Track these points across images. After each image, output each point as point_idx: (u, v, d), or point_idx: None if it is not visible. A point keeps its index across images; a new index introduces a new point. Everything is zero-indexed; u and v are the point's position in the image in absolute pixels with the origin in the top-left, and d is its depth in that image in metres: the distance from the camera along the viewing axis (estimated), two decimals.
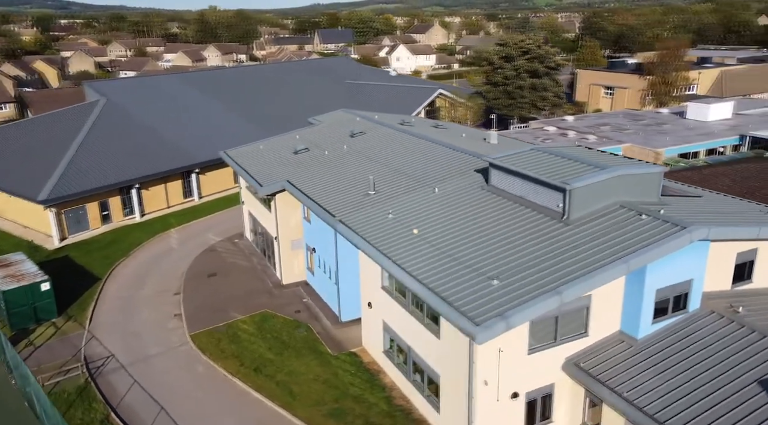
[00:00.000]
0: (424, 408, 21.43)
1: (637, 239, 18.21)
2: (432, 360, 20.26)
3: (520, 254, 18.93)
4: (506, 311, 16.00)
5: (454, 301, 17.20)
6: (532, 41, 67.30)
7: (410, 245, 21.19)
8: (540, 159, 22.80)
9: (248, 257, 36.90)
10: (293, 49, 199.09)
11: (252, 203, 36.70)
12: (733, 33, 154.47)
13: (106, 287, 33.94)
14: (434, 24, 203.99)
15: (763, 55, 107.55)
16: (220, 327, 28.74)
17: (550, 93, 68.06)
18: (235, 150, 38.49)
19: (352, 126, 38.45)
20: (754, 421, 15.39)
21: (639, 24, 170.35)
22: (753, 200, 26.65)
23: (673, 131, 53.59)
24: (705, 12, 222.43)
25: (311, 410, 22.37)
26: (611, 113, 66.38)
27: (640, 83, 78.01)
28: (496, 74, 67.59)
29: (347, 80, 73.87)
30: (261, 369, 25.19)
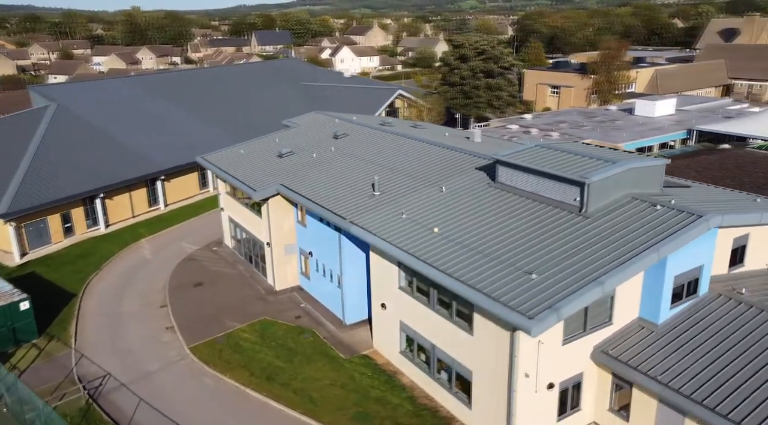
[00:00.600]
0: (452, 405, 21.58)
1: (660, 228, 19.11)
2: (462, 357, 20.44)
3: (548, 249, 19.42)
4: (555, 304, 16.41)
5: (498, 296, 17.45)
6: (486, 42, 68.92)
7: (433, 244, 21.27)
8: (548, 155, 23.45)
9: (233, 265, 35.84)
10: (231, 52, 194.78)
11: (235, 208, 35.68)
12: (655, 35, 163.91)
13: (85, 304, 32.06)
14: (373, 26, 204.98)
15: (687, 55, 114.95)
16: (220, 338, 27.80)
17: (504, 92, 69.95)
18: (213, 156, 37.30)
19: (332, 128, 38.11)
20: None
21: (570, 26, 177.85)
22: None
23: (627, 126, 56.37)
24: (625, 15, 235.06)
25: (336, 415, 22.04)
26: (565, 110, 69.05)
27: (585, 82, 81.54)
28: (453, 75, 68.74)
29: (303, 82, 73.01)
30: (273, 377, 24.57)
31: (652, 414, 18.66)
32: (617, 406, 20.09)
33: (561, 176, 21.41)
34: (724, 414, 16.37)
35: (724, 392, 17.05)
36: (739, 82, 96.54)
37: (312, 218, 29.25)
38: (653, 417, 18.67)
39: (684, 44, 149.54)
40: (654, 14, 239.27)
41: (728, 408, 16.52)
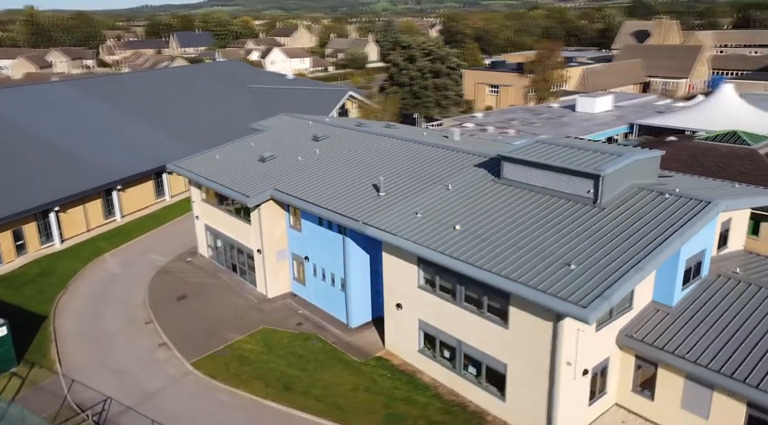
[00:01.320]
0: (482, 399, 21.90)
1: (676, 215, 20.33)
2: (495, 351, 20.80)
3: (575, 240, 20.13)
4: (605, 292, 17.07)
5: (544, 288, 17.91)
6: (433, 43, 70.11)
7: (457, 241, 21.48)
8: (552, 150, 24.26)
9: (214, 275, 34.44)
10: (151, 54, 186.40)
11: (214, 216, 34.32)
12: (572, 36, 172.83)
13: (59, 326, 29.75)
14: (299, 27, 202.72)
15: (606, 55, 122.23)
16: (222, 351, 26.70)
17: (452, 92, 71.47)
18: (186, 162, 35.68)
19: (307, 130, 37.50)
20: None
21: (494, 28, 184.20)
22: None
23: (573, 122, 59.21)
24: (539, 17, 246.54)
25: (366, 419, 21.79)
26: (511, 109, 71.43)
27: (523, 81, 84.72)
28: (402, 75, 69.40)
29: (249, 85, 71.22)
30: (291, 386, 23.93)
31: (679, 390, 19.81)
32: (641, 386, 21.17)
33: (575, 169, 22.24)
34: (755, 385, 17.68)
35: (750, 364, 18.37)
36: (656, 79, 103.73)
37: (308, 222, 28.70)
38: (680, 393, 19.83)
39: (599, 45, 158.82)
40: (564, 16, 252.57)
41: (757, 378, 17.84)
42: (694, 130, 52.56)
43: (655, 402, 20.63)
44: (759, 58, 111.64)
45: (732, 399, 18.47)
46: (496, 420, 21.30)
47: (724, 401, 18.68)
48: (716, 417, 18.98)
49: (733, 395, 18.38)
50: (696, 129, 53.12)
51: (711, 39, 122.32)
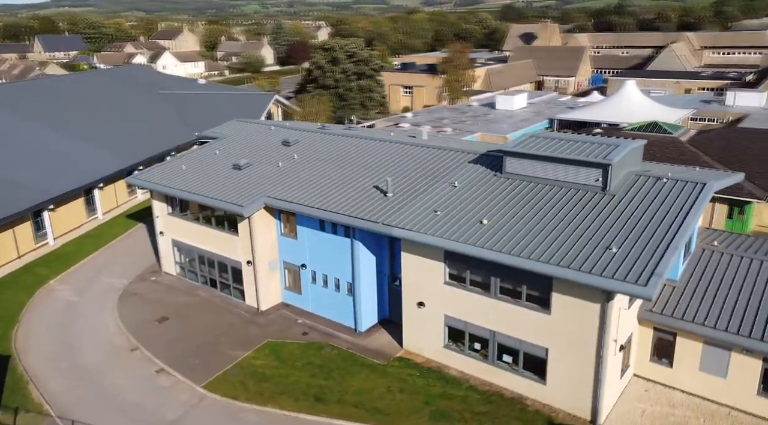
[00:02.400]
0: (519, 385, 22.73)
1: (681, 197, 22.48)
2: (534, 337, 21.71)
3: (603, 226, 21.54)
4: (655, 270, 18.55)
5: (596, 272, 19.06)
6: (355, 45, 70.46)
7: (489, 235, 22.11)
8: (551, 143, 25.72)
9: (191, 293, 32.33)
10: (15, 59, 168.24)
11: (187, 230, 32.21)
12: (462, 38, 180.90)
13: (30, 364, 26.49)
14: (183, 30, 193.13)
15: (502, 56, 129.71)
16: (232, 370, 25.29)
17: (376, 94, 72.33)
18: (148, 175, 33.18)
19: (271, 135, 36.34)
20: None
21: (386, 31, 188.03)
22: None
23: (500, 119, 62.46)
24: (422, 20, 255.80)
25: (413, 419, 21.80)
26: (436, 108, 73.60)
27: (436, 82, 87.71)
28: (327, 78, 69.03)
29: (161, 91, 67.09)
30: (322, 397, 23.27)
31: (698, 355, 21.95)
32: (658, 356, 23.13)
33: (584, 160, 23.78)
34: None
35: (761, 324, 20.84)
36: (548, 78, 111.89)
37: (306, 229, 27.98)
38: (698, 358, 21.97)
39: (487, 47, 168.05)
40: (446, 20, 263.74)
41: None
42: (609, 122, 57.65)
43: (674, 368, 22.66)
44: (629, 57, 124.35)
45: (749, 357, 20.83)
46: (536, 404, 22.25)
47: (741, 359, 21.02)
48: (734, 374, 21.30)
49: (750, 353, 20.74)
50: (609, 121, 58.38)
51: (587, 41, 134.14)
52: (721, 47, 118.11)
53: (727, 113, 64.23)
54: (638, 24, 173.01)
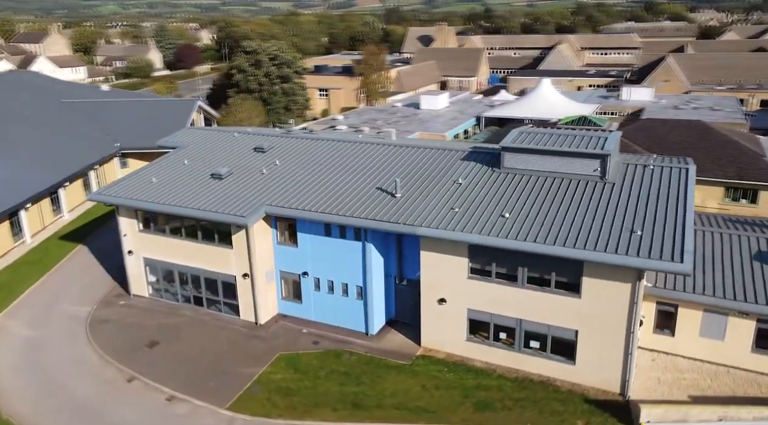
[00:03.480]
0: (547, 368, 23.85)
1: (674, 180, 24.82)
2: (563, 321, 22.92)
3: (616, 211, 23.23)
4: (684, 247, 20.40)
5: (633, 253, 20.59)
6: (277, 47, 68.91)
7: (515, 227, 22.99)
8: (543, 138, 27.25)
9: (174, 314, 30.16)
10: None
11: (166, 247, 29.99)
12: (358, 41, 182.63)
13: (12, 410, 23.42)
14: (51, 32, 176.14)
15: (403, 58, 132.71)
16: (253, 387, 24.11)
17: (299, 97, 71.30)
18: (116, 190, 30.40)
19: (237, 142, 34.81)
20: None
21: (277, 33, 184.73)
22: None
23: (430, 118, 64.22)
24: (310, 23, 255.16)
25: (459, 413, 22.15)
26: (363, 110, 73.78)
27: (353, 84, 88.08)
28: (250, 81, 66.90)
29: (64, 99, 61.32)
30: (359, 403, 22.90)
31: (698, 323, 24.36)
32: (659, 327, 25.34)
33: (584, 152, 25.47)
34: (765, 303, 22.88)
35: (751, 289, 23.58)
36: (451, 78, 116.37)
37: (308, 235, 27.28)
38: (698, 325, 24.39)
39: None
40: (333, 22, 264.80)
41: (763, 300, 23.04)
42: (534, 118, 61.35)
43: (676, 337, 24.96)
44: (520, 58, 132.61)
45: (744, 319, 23.53)
46: (566, 384, 23.49)
47: (737, 322, 23.67)
48: (731, 336, 23.93)
49: (746, 315, 23.44)
50: (533, 117, 62.13)
51: (481, 42, 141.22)
52: (598, 48, 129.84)
53: (625, 107, 70.85)
54: (521, 27, 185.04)
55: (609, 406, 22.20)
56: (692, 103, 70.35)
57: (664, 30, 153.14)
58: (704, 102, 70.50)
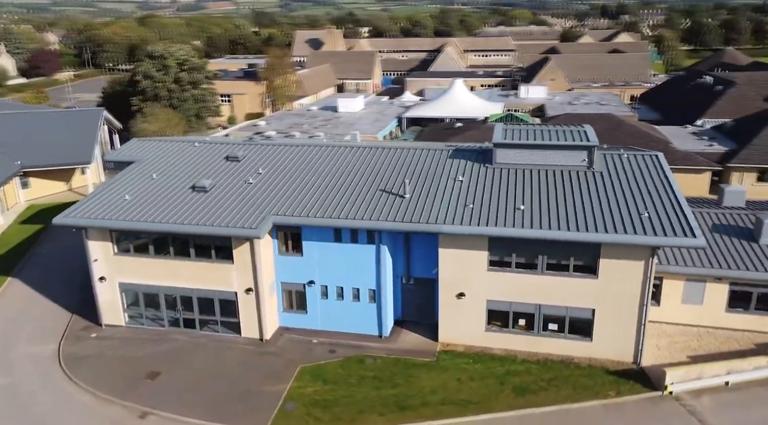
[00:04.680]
0: (564, 347, 25.48)
1: (652, 166, 27.60)
2: (581, 301, 24.63)
3: (612, 195, 25.42)
4: (691, 224, 22.87)
5: (653, 233, 22.71)
6: (185, 52, 65.16)
7: (534, 217, 24.32)
8: (529, 133, 29.00)
9: (163, 340, 27.79)
10: None
11: (146, 269, 27.53)
12: (239, 44, 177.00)
13: None
14: None
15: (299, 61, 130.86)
16: (286, 405, 23.12)
17: (210, 103, 68.15)
18: (81, 211, 27.28)
19: (200, 152, 32.82)
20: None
21: (150, 36, 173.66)
22: None
23: (354, 121, 64.50)
24: (178, 25, 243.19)
25: (504, 400, 22.97)
26: (280, 114, 71.83)
27: (258, 88, 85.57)
28: (159, 88, 62.65)
29: None
30: (403, 404, 22.91)
31: (679, 291, 27.41)
32: None
33: (572, 144, 27.52)
34: (736, 268, 26.33)
35: (723, 257, 27.00)
36: (347, 81, 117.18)
37: (315, 243, 26.62)
38: (680, 293, 27.44)
39: (263, 53, 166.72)
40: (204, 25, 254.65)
41: (734, 265, 26.47)
42: (452, 117, 64.11)
43: (661, 306, 27.85)
44: (408, 60, 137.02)
45: (719, 284, 26.91)
46: (583, 360, 25.27)
47: (713, 287, 27.01)
48: (708, 300, 27.24)
49: (720, 280, 26.82)
50: (449, 117, 65.00)
51: (368, 46, 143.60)
52: (479, 50, 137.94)
53: (527, 104, 76.34)
54: (401, 31, 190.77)
55: (628, 375, 24.31)
56: (581, 99, 77.54)
57: (533, 33, 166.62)
58: (591, 98, 78.03)
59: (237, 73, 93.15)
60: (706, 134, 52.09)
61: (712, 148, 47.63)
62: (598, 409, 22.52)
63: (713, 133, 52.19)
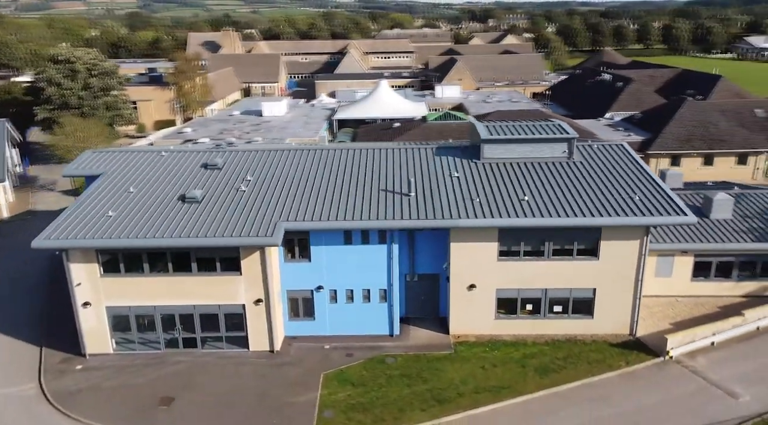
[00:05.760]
0: (568, 327, 27.24)
1: (623, 155, 30.22)
2: (583, 282, 26.48)
3: (600, 184, 27.58)
4: (679, 205, 25.41)
5: (651, 214, 24.95)
6: (94, 56, 60.15)
7: (538, 207, 25.73)
8: (509, 129, 30.59)
9: (164, 363, 25.88)
10: None
11: (139, 289, 25.49)
12: (120, 48, 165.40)
13: None
14: None
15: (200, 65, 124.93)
16: (323, 413, 22.65)
17: (124, 110, 63.67)
18: (60, 231, 24.63)
19: (171, 161, 30.86)
20: None
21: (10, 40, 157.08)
22: None
23: (287, 125, 63.16)
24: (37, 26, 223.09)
25: (530, 381, 24.13)
26: (202, 120, 68.02)
27: (166, 94, 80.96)
28: (69, 96, 57.38)
29: None
30: (440, 398, 23.33)
31: (653, 266, 30.28)
32: None
33: (554, 137, 29.42)
34: (699, 241, 29.69)
35: (688, 233, 30.29)
36: (253, 84, 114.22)
37: (325, 247, 26.24)
38: (653, 267, 30.33)
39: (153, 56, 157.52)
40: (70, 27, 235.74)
41: (698, 239, 29.83)
42: (386, 118, 65.10)
43: None
44: (310, 63, 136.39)
45: (685, 256, 30.15)
46: (586, 336, 27.20)
47: (680, 259, 30.22)
48: (676, 272, 30.42)
49: (685, 253, 30.05)
50: (382, 117, 66.00)
51: (267, 48, 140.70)
52: (380, 52, 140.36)
53: (445, 103, 79.18)
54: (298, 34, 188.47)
55: (629, 346, 26.58)
56: (493, 97, 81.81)
57: (427, 36, 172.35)
58: (502, 96, 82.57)
59: (140, 78, 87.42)
60: (619, 125, 57.40)
61: (630, 138, 52.62)
62: (615, 379, 24.43)
63: (625, 124, 57.62)
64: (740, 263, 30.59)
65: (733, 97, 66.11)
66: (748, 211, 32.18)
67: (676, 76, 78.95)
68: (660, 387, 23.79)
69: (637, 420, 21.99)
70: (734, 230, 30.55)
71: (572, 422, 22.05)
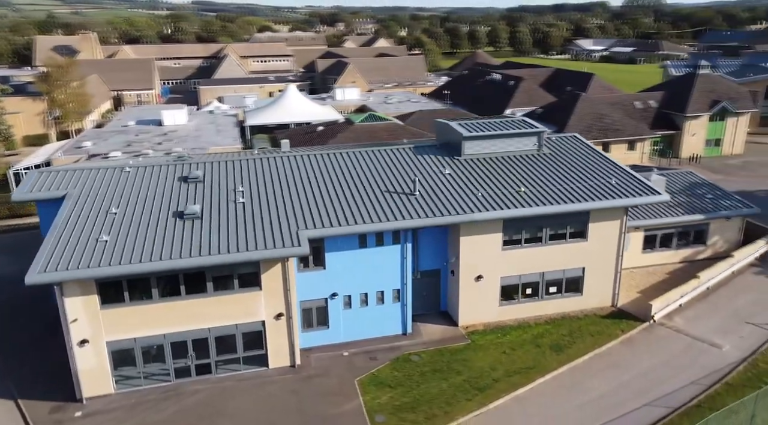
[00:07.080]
0: (563, 305, 29.52)
1: (576, 145, 33.25)
2: (575, 263, 28.88)
3: (574, 171, 30.22)
4: (654, 187, 28.65)
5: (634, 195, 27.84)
6: None
7: (537, 197, 27.61)
8: (487, 126, 32.29)
9: (180, 394, 23.78)
10: None
11: (146, 319, 23.13)
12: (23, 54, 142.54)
13: None
14: None
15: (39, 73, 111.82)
16: (375, 417, 22.50)
17: (1, 125, 56.03)
18: (55, 261, 21.53)
19: (137, 177, 28.29)
20: None
21: None
22: None
23: (199, 134, 59.69)
24: None
25: (549, 360, 25.86)
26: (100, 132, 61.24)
27: (38, 106, 72.25)
28: None
29: None
30: (478, 385, 24.25)
31: None
32: None
33: (527, 131, 31.63)
34: (647, 218, 33.71)
35: (639, 213, 34.19)
36: (126, 92, 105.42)
37: (338, 253, 25.89)
38: None
39: (22, 63, 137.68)
40: None
41: (647, 216, 33.85)
42: (298, 122, 64.34)
43: None
44: (183, 68, 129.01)
45: (637, 232, 34.03)
46: (576, 312, 29.68)
47: (634, 235, 34.05)
48: (631, 246, 34.20)
49: (638, 229, 33.93)
50: (293, 122, 65.23)
51: (132, 53, 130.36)
52: (258, 56, 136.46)
53: (348, 105, 79.75)
54: (160, 37, 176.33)
55: (616, 315, 29.51)
56: (392, 98, 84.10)
57: (302, 39, 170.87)
58: (401, 97, 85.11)
59: (6, 90, 76.66)
60: None
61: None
62: (618, 347, 27.06)
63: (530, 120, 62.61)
64: (678, 234, 35.24)
65: (605, 92, 74.54)
66: (674, 188, 37.10)
67: (552, 74, 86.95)
68: (657, 347, 26.83)
69: (652, 378, 24.66)
70: (670, 205, 35.09)
71: (600, 391, 24.10)
